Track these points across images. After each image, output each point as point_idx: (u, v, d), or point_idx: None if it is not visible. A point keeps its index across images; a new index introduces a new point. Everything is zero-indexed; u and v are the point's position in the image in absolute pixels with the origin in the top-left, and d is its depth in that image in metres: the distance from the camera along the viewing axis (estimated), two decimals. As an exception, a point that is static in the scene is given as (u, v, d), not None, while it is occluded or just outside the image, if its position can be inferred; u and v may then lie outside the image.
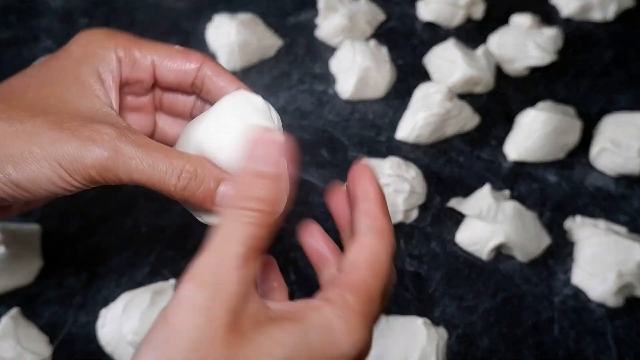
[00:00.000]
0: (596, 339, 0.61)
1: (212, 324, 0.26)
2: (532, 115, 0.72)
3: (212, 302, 0.26)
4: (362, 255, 0.30)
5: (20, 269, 0.62)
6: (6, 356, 0.55)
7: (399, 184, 0.66)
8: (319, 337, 0.27)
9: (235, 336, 0.26)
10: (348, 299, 0.28)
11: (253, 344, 0.26)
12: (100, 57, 0.38)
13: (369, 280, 0.29)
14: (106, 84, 0.37)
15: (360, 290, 0.29)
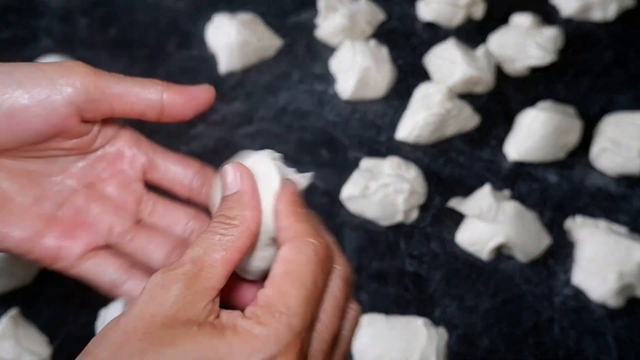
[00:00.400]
0: (597, 339, 0.61)
1: (150, 306, 0.28)
2: (532, 115, 0.72)
3: (157, 286, 0.29)
4: (278, 266, 0.30)
5: (20, 269, 0.61)
6: (6, 356, 0.55)
7: (399, 184, 0.66)
8: (225, 347, 0.27)
9: (163, 322, 0.28)
10: (258, 313, 0.28)
11: (169, 332, 0.28)
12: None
13: (287, 291, 0.29)
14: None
15: (272, 302, 0.29)
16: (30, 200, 0.34)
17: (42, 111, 0.32)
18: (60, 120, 0.33)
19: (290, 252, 0.30)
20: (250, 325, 0.28)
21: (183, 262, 0.30)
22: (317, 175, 0.72)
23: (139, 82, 0.35)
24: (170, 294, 0.28)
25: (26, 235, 0.34)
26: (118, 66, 0.82)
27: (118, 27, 0.88)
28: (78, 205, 0.36)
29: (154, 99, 0.34)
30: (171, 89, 0.35)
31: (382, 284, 0.64)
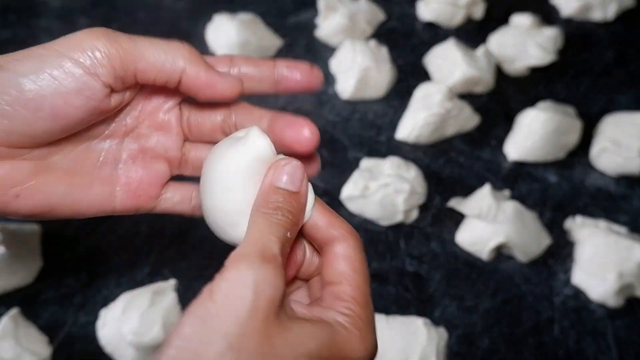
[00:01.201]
0: (596, 339, 0.61)
1: (259, 304, 0.28)
2: (532, 115, 0.72)
3: (260, 282, 0.28)
4: (344, 263, 0.32)
5: (20, 269, 0.61)
6: (6, 356, 0.55)
7: (399, 184, 0.66)
8: (341, 340, 0.30)
9: (276, 321, 0.28)
10: (354, 310, 0.31)
11: (290, 332, 0.29)
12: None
13: (363, 288, 0.32)
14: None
15: (359, 298, 0.32)
16: (91, 168, 0.35)
17: (71, 99, 0.32)
18: (95, 105, 0.33)
19: (351, 250, 0.33)
20: (352, 319, 0.31)
21: (275, 254, 0.30)
22: (317, 175, 0.72)
23: (164, 51, 0.33)
24: (279, 289, 0.29)
25: (102, 199, 0.35)
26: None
27: (118, 27, 0.87)
28: (132, 154, 0.37)
29: (175, 74, 0.34)
30: (195, 66, 0.34)
31: (382, 284, 0.64)
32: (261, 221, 0.31)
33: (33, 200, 0.33)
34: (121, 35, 0.33)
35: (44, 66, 0.31)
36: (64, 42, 0.32)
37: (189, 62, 0.34)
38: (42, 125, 0.32)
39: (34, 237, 0.63)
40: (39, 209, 0.34)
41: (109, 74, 0.32)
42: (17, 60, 0.31)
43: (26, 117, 0.31)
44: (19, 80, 0.31)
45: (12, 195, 0.32)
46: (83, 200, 0.35)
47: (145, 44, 0.33)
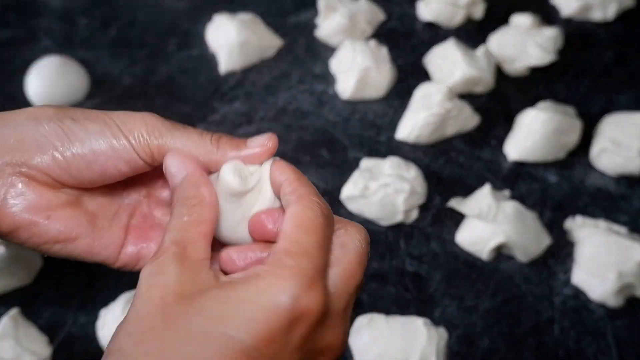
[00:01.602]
0: (596, 339, 0.61)
1: (153, 290, 0.31)
2: (532, 115, 0.72)
3: (149, 275, 0.32)
4: (289, 222, 0.33)
5: (20, 269, 0.62)
6: (6, 356, 0.55)
7: (399, 184, 0.66)
8: (253, 291, 0.30)
9: (175, 299, 0.30)
10: (282, 260, 0.31)
11: (190, 303, 0.30)
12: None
13: (301, 238, 0.32)
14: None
15: (290, 249, 0.31)
16: (111, 215, 0.40)
17: (120, 165, 0.36)
18: (133, 171, 0.37)
19: (297, 209, 0.33)
20: (274, 268, 0.31)
21: (166, 247, 0.33)
22: (317, 175, 0.72)
23: (196, 145, 0.37)
24: (169, 274, 0.31)
25: (114, 246, 0.39)
26: (118, 66, 0.82)
27: (118, 27, 0.88)
28: (145, 213, 0.41)
29: (205, 159, 0.37)
30: (224, 145, 0.37)
31: (382, 284, 0.64)
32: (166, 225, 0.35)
33: (60, 226, 0.37)
34: (162, 127, 0.37)
35: (105, 131, 0.36)
36: (122, 118, 0.36)
37: (221, 152, 0.37)
38: (90, 175, 0.37)
39: (34, 237, 0.63)
40: (62, 236, 0.38)
41: (147, 155, 0.36)
42: (87, 119, 0.36)
43: (80, 165, 0.36)
44: (85, 136, 0.36)
45: (44, 217, 0.37)
46: (100, 240, 0.39)
47: (182, 136, 0.37)
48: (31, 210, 0.37)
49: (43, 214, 0.37)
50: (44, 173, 0.36)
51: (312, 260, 0.31)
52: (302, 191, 0.34)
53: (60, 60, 0.78)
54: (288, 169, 0.36)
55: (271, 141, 0.37)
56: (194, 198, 0.35)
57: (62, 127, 0.36)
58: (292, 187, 0.34)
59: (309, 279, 0.30)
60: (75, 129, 0.36)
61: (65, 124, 0.36)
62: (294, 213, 0.33)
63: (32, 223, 0.37)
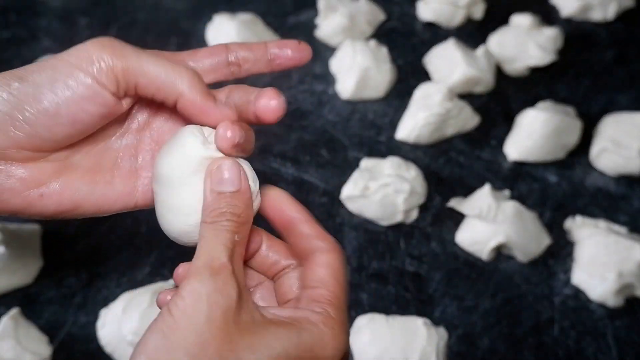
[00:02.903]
0: (596, 339, 0.61)
1: (213, 314, 0.29)
2: (532, 115, 0.72)
3: (212, 294, 0.30)
4: (327, 272, 0.34)
5: (20, 269, 0.62)
6: (6, 356, 0.55)
7: (399, 184, 0.66)
8: (311, 339, 0.32)
9: (236, 326, 0.30)
10: (329, 312, 0.33)
11: (254, 335, 0.30)
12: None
13: (339, 294, 0.34)
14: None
15: (335, 303, 0.33)
16: (111, 165, 0.37)
17: (86, 105, 0.34)
18: (107, 110, 0.34)
19: (333, 261, 0.34)
20: (324, 318, 0.33)
21: (224, 265, 0.31)
22: (317, 175, 0.72)
23: (167, 71, 0.35)
24: (230, 297, 0.30)
25: (125, 194, 0.37)
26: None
27: (118, 27, 0.88)
28: (149, 146, 0.38)
29: (173, 95, 0.35)
30: (193, 92, 0.35)
31: (382, 284, 0.64)
32: (208, 233, 0.33)
33: (58, 199, 0.35)
34: (127, 48, 0.35)
35: (58, 76, 0.33)
36: (73, 53, 0.34)
37: (188, 86, 0.35)
38: (61, 130, 0.34)
39: (34, 237, 0.63)
40: (64, 207, 0.36)
41: (112, 84, 0.34)
42: (35, 72, 0.33)
43: (46, 123, 0.33)
44: (38, 90, 0.33)
45: (37, 196, 0.35)
46: (106, 196, 0.37)
47: (150, 60, 0.35)
48: (20, 191, 0.34)
49: (36, 192, 0.35)
50: (15, 148, 0.34)
51: (347, 318, 0.34)
52: (331, 240, 0.35)
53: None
54: (296, 204, 0.36)
55: (230, 116, 0.36)
56: (243, 216, 0.34)
57: (11, 93, 0.33)
58: (316, 231, 0.35)
59: (348, 335, 0.34)
60: (25, 88, 0.33)
61: (13, 88, 0.33)
62: (331, 264, 0.34)
63: (27, 204, 0.35)
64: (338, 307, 0.33)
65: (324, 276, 0.34)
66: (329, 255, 0.35)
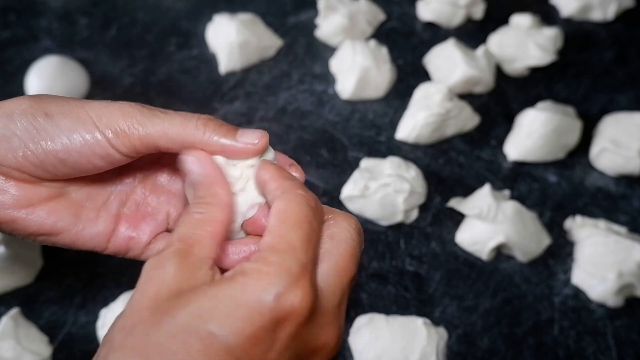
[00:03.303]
0: (596, 339, 0.61)
1: (149, 285, 0.31)
2: (532, 115, 0.72)
3: (152, 269, 0.31)
4: (274, 217, 0.32)
5: (20, 269, 0.62)
6: (6, 356, 0.55)
7: (399, 184, 0.66)
8: (237, 289, 0.29)
9: (169, 295, 0.30)
10: (266, 256, 0.30)
11: (178, 299, 0.30)
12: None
13: (285, 234, 0.31)
14: None
15: (275, 245, 0.31)
16: (99, 205, 0.39)
17: (94, 160, 0.36)
18: (111, 165, 0.37)
19: (282, 204, 0.32)
20: (258, 265, 0.30)
21: (171, 242, 0.32)
22: (317, 175, 0.72)
23: (183, 128, 0.36)
24: (167, 270, 0.31)
25: (102, 235, 0.39)
26: (118, 66, 0.82)
27: (118, 27, 0.88)
28: (138, 200, 0.40)
29: (190, 143, 0.36)
30: (211, 129, 0.36)
31: (382, 284, 0.64)
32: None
33: (41, 222, 0.37)
34: (143, 117, 0.36)
35: (79, 127, 0.35)
36: (98, 112, 0.36)
37: (208, 136, 0.36)
38: (64, 170, 0.36)
39: (34, 237, 0.63)
40: (43, 230, 0.37)
41: (128, 150, 0.36)
42: (60, 115, 0.35)
43: (54, 162, 0.36)
44: (57, 132, 0.35)
45: (23, 214, 0.37)
46: (85, 232, 0.38)
47: (164, 122, 0.36)
48: (9, 207, 0.36)
49: (23, 212, 0.37)
50: (18, 170, 0.36)
51: (298, 256, 0.30)
52: (286, 185, 0.34)
53: (60, 60, 0.78)
54: (271, 167, 0.35)
55: (262, 140, 0.35)
56: (209, 197, 0.34)
57: (33, 124, 0.35)
58: (276, 183, 0.34)
59: (293, 276, 0.30)
60: (47, 125, 0.35)
61: (37, 121, 0.35)
62: (278, 208, 0.32)
63: (10, 220, 0.36)
64: (281, 248, 0.30)
65: (271, 222, 0.32)
66: (277, 201, 0.33)
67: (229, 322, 0.29)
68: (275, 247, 0.31)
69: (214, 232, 0.33)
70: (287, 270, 0.30)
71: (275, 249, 0.30)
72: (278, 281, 0.29)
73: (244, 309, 0.29)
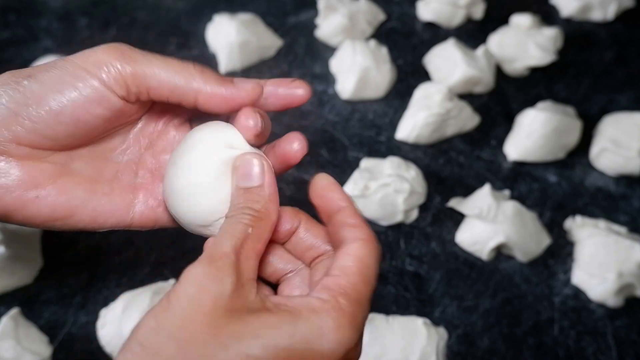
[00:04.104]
0: (596, 339, 0.61)
1: (204, 299, 0.28)
2: (532, 115, 0.72)
3: (203, 278, 0.29)
4: (352, 262, 0.32)
5: (20, 269, 0.62)
6: (6, 356, 0.55)
7: (399, 184, 0.66)
8: (308, 329, 0.29)
9: (226, 314, 0.28)
10: (340, 301, 0.30)
11: (244, 324, 0.28)
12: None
13: (359, 286, 0.31)
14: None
15: (350, 294, 0.30)
16: (111, 177, 0.37)
17: (91, 108, 0.34)
18: (112, 114, 0.34)
19: (362, 251, 0.32)
20: (330, 308, 0.29)
21: (226, 253, 0.30)
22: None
23: (177, 71, 0.34)
24: (225, 285, 0.29)
25: (122, 209, 0.37)
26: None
27: (118, 27, 0.88)
28: (150, 167, 0.38)
29: (190, 94, 0.35)
30: (208, 76, 0.34)
31: (382, 284, 0.64)
32: (224, 226, 0.33)
33: (53, 203, 0.35)
34: (136, 53, 0.35)
35: (66, 77, 0.33)
36: (83, 56, 0.34)
37: (203, 80, 0.34)
38: (63, 129, 0.34)
39: (34, 237, 0.63)
40: (58, 213, 0.35)
41: (121, 88, 0.34)
42: (44, 71, 0.33)
43: (48, 120, 0.33)
44: (44, 88, 0.33)
45: (32, 197, 0.34)
46: (103, 207, 0.36)
47: (159, 63, 0.34)
48: (16, 190, 0.34)
49: (32, 193, 0.34)
50: (16, 144, 0.33)
51: (364, 312, 0.31)
52: (369, 232, 0.33)
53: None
54: (344, 193, 0.35)
55: (258, 87, 0.35)
56: (261, 212, 0.33)
57: (18, 90, 0.33)
58: (356, 221, 0.33)
59: (359, 333, 0.30)
60: (33, 85, 0.33)
61: (21, 85, 0.33)
62: (358, 254, 0.32)
63: (21, 205, 0.34)
64: (353, 300, 0.30)
65: (347, 264, 0.31)
66: (359, 244, 0.32)
67: (296, 358, 0.28)
68: (349, 295, 0.30)
69: (259, 251, 0.32)
70: (357, 327, 0.30)
71: (349, 298, 0.30)
72: (352, 334, 0.29)
73: (318, 353, 0.29)
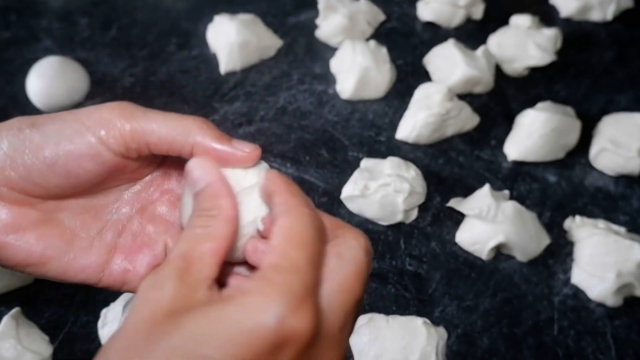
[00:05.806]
0: (596, 339, 0.61)
1: (145, 306, 0.29)
2: (532, 115, 0.72)
3: (149, 288, 0.29)
4: (278, 235, 0.30)
5: (21, 268, 0.62)
6: (7, 355, 0.55)
7: (399, 184, 0.66)
8: (237, 310, 0.28)
9: (164, 317, 0.28)
10: (267, 275, 0.29)
11: (175, 321, 0.28)
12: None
13: (291, 253, 0.29)
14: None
15: (280, 264, 0.29)
16: (94, 234, 0.37)
17: (84, 163, 0.34)
18: (105, 170, 0.35)
19: (287, 221, 0.31)
20: (260, 285, 0.28)
21: (171, 259, 0.30)
22: (317, 175, 0.72)
23: (175, 126, 0.35)
24: (165, 290, 0.29)
25: (95, 266, 0.37)
26: (118, 66, 0.82)
27: (118, 27, 0.88)
28: (135, 230, 0.38)
29: (187, 146, 0.35)
30: (206, 130, 0.35)
31: (382, 284, 0.64)
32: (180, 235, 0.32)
33: (29, 249, 0.35)
34: (137, 110, 0.35)
35: (66, 130, 0.34)
36: (87, 113, 0.35)
37: (201, 136, 0.35)
38: (55, 180, 0.35)
39: (34, 237, 0.63)
40: (33, 259, 0.35)
41: (120, 145, 0.34)
42: (47, 122, 0.34)
43: (42, 169, 0.34)
44: (43, 139, 0.34)
45: (12, 239, 0.35)
46: (77, 262, 0.37)
47: (158, 119, 0.35)
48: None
49: (11, 237, 0.35)
50: (8, 188, 0.34)
51: (302, 277, 0.29)
52: (293, 202, 0.31)
53: (60, 60, 0.78)
54: (280, 179, 0.33)
55: (256, 150, 0.35)
56: (212, 210, 0.32)
57: (19, 137, 0.34)
58: (282, 198, 0.32)
59: (297, 298, 0.28)
60: (33, 135, 0.34)
61: (23, 133, 0.34)
62: (283, 226, 0.30)
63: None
64: (285, 268, 0.29)
65: (274, 241, 0.30)
66: (283, 218, 0.31)
67: (226, 346, 0.27)
68: (278, 266, 0.29)
69: (216, 249, 0.31)
70: (290, 291, 0.28)
71: (279, 268, 0.29)
72: (281, 303, 0.27)
73: (243, 332, 0.27)
